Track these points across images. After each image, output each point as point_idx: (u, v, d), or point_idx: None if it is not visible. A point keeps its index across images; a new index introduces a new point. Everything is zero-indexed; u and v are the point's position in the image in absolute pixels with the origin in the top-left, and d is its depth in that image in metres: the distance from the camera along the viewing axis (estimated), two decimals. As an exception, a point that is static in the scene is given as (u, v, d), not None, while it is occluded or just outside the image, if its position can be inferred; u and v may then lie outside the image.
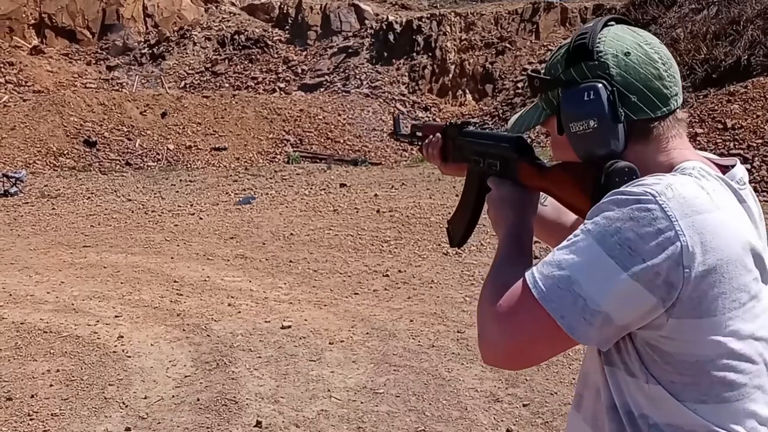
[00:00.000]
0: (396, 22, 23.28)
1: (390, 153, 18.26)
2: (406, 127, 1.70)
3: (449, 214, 1.43)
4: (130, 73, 23.00)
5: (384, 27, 23.33)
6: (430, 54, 22.15)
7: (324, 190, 11.54)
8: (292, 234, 8.24)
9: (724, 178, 0.99)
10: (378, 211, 9.22)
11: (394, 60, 22.53)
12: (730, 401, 0.94)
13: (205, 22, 24.92)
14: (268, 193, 11.60)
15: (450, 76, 21.84)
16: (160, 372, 4.19)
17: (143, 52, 23.86)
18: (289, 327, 4.90)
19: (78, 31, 23.48)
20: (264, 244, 7.82)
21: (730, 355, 0.93)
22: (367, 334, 4.77)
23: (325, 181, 12.45)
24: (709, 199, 0.92)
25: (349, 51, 23.14)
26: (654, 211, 0.89)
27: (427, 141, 1.50)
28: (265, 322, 5.06)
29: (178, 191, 12.44)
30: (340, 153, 17.77)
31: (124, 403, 3.77)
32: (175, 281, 6.29)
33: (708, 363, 0.93)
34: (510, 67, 20.99)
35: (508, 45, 21.68)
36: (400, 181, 11.67)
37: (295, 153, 17.16)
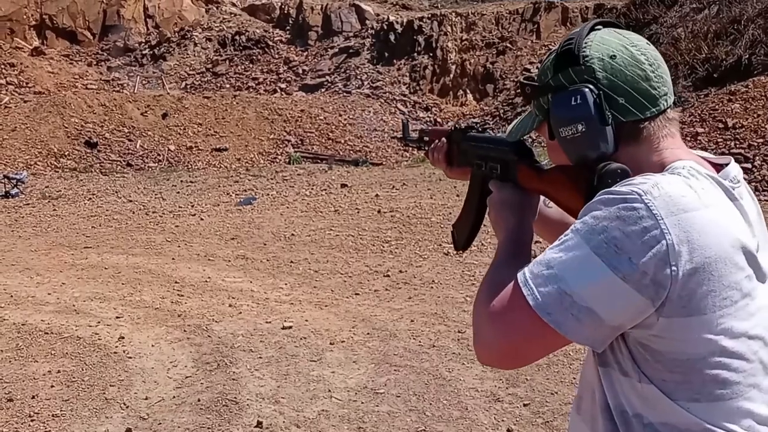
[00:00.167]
0: (397, 23, 23.30)
1: (391, 153, 18.27)
2: (414, 131, 1.73)
3: (450, 214, 1.44)
4: (131, 74, 23.04)
5: (385, 27, 23.35)
6: (431, 54, 22.17)
7: (325, 190, 11.55)
8: (293, 234, 8.24)
9: (715, 177, 0.99)
10: (379, 211, 9.22)
11: (395, 60, 22.56)
12: (723, 399, 0.94)
13: (206, 23, 24.95)
14: (269, 194, 11.61)
15: (451, 76, 21.85)
16: (161, 373, 4.19)
17: (144, 52, 23.89)
18: (290, 327, 4.90)
19: (79, 32, 23.52)
20: (265, 244, 7.82)
21: (722, 353, 0.93)
22: (368, 334, 4.77)
23: (326, 181, 12.46)
24: (696, 197, 0.92)
25: (350, 51, 23.16)
26: (640, 209, 0.90)
27: (432, 145, 1.53)
28: (266, 322, 5.06)
29: (179, 192, 12.45)
30: (341, 153, 17.78)
31: (125, 403, 3.77)
32: (176, 282, 6.29)
33: (699, 361, 0.93)
34: (511, 67, 21.00)
35: (509, 45, 21.70)
36: (401, 182, 11.67)
37: (296, 153, 17.18)
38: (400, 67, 22.31)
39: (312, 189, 11.77)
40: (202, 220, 9.57)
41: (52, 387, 4.02)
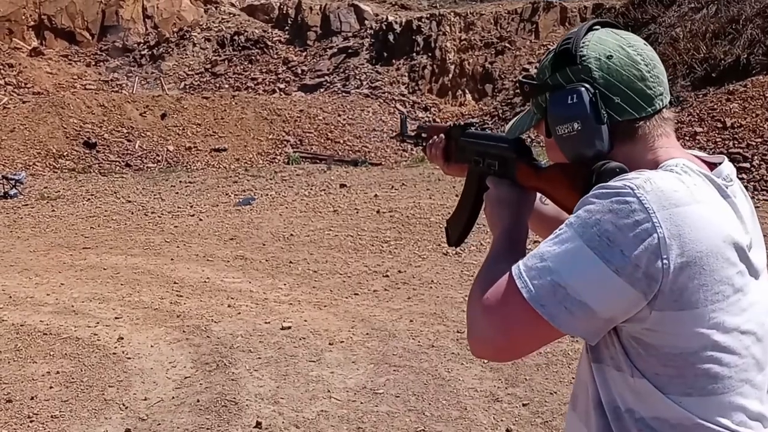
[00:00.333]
0: (396, 23, 23.30)
1: (390, 153, 18.27)
2: (413, 128, 1.73)
3: (449, 214, 1.44)
4: (130, 74, 23.03)
5: (384, 27, 23.35)
6: (430, 54, 22.17)
7: (324, 190, 11.54)
8: (292, 235, 8.24)
9: (708, 174, 1.00)
10: (378, 211, 9.22)
11: (393, 60, 22.55)
12: (715, 394, 0.95)
13: (205, 23, 24.94)
14: (268, 194, 11.60)
15: (450, 76, 21.85)
16: (160, 373, 4.19)
17: (143, 53, 23.88)
18: (289, 328, 4.90)
19: (77, 33, 23.51)
20: (264, 245, 7.82)
21: (714, 348, 0.94)
22: (367, 334, 4.77)
23: (325, 181, 12.45)
24: (688, 192, 0.94)
25: (349, 51, 23.16)
26: (632, 203, 0.91)
27: (430, 141, 1.54)
28: (265, 323, 5.06)
29: (177, 192, 12.44)
30: (340, 153, 17.77)
31: (123, 404, 3.77)
32: (175, 283, 6.29)
33: (692, 355, 0.94)
34: (510, 66, 21.00)
35: (507, 45, 21.70)
36: (400, 182, 11.67)
37: (295, 154, 17.17)
38: (398, 67, 22.31)
39: (311, 189, 11.77)
40: (201, 220, 9.57)
41: (51, 388, 4.01)
